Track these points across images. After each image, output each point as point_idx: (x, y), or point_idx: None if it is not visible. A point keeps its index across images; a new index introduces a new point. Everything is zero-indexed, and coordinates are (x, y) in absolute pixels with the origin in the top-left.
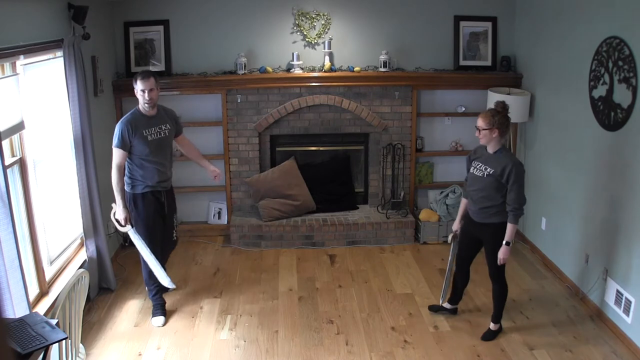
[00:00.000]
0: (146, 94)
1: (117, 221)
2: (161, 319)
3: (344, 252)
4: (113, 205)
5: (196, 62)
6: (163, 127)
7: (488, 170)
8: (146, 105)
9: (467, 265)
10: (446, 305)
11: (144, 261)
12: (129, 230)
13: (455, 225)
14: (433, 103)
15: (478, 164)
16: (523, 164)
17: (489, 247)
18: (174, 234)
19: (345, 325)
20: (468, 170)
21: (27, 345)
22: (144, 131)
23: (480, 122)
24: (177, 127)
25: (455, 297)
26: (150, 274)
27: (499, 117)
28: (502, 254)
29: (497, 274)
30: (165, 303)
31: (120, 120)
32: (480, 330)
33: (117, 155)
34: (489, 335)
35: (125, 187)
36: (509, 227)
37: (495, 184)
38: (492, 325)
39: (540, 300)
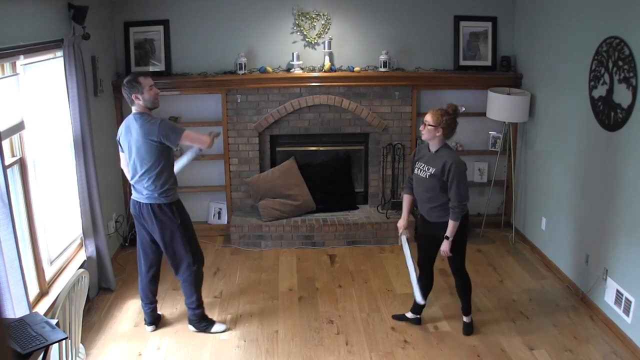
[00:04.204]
0: (155, 88)
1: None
2: (152, 326)
3: (344, 252)
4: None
5: (196, 62)
6: None
7: (430, 170)
8: (157, 100)
9: (429, 266)
10: (409, 314)
11: (144, 271)
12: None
13: (401, 223)
14: (433, 103)
15: (421, 165)
16: (465, 162)
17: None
18: None
19: (345, 325)
20: (412, 170)
21: (27, 345)
22: None
23: (428, 118)
24: None
25: (417, 305)
26: (150, 283)
27: (447, 118)
28: (443, 246)
29: (458, 268)
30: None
31: (159, 119)
32: (481, 330)
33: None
34: (469, 329)
35: (165, 199)
36: (450, 224)
37: (438, 184)
38: (465, 319)
39: (540, 300)
